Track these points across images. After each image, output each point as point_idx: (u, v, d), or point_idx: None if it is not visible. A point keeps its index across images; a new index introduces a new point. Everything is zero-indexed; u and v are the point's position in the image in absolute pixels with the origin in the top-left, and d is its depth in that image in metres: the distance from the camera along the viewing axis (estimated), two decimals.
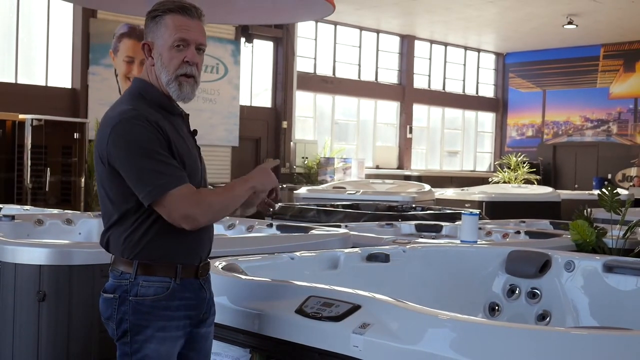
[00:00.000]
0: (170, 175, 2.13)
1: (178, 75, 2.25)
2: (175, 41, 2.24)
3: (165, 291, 2.21)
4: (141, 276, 2.21)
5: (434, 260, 3.92)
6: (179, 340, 2.27)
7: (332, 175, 17.74)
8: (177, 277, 2.23)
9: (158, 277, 2.22)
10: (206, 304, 2.33)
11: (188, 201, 2.14)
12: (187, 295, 2.26)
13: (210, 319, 2.40)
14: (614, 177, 22.06)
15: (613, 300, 3.56)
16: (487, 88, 25.11)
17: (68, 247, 3.47)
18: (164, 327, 2.22)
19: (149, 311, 2.20)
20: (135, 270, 2.22)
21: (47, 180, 11.49)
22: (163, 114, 2.26)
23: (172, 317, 2.23)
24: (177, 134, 2.26)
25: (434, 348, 2.05)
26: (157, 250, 2.21)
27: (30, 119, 11.49)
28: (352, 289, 2.49)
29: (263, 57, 18.45)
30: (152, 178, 2.13)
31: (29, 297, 3.32)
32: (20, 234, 4.45)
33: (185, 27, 2.25)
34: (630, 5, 17.63)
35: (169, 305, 2.22)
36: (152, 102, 2.27)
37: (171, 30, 2.24)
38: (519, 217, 6.93)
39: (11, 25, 14.20)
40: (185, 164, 2.23)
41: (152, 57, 2.28)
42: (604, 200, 5.07)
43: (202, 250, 2.32)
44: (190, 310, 2.28)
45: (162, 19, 2.25)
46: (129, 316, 2.21)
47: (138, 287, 2.21)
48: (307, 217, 7.30)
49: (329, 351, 2.23)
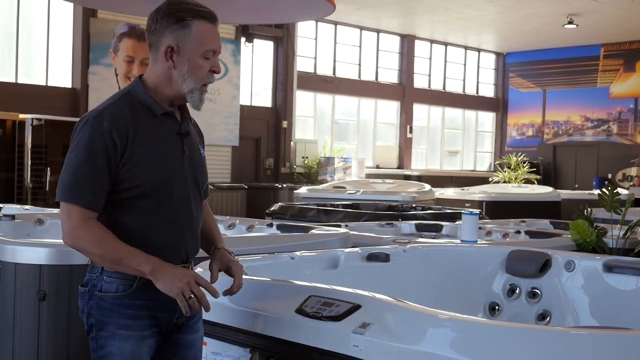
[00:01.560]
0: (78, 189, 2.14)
1: (203, 84, 2.26)
2: (207, 52, 2.23)
3: (127, 289, 2.18)
4: (106, 271, 2.20)
5: (434, 260, 3.92)
6: (147, 341, 2.22)
7: (332, 175, 17.74)
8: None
9: (122, 275, 2.19)
10: (179, 310, 2.19)
11: (70, 219, 2.15)
12: (154, 296, 2.18)
13: (194, 326, 2.35)
14: (614, 177, 22.06)
15: (613, 300, 3.56)
16: (487, 88, 25.11)
17: (68, 247, 3.46)
18: (126, 325, 2.18)
19: (111, 307, 2.18)
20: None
21: (47, 180, 11.49)
22: (145, 115, 2.23)
23: (136, 316, 2.19)
24: (156, 135, 2.23)
25: (434, 348, 2.05)
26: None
27: (30, 119, 11.50)
28: (352, 288, 2.49)
29: (263, 57, 18.45)
30: (63, 181, 2.16)
31: (29, 297, 3.32)
32: (21, 234, 4.45)
33: (214, 36, 2.25)
34: (630, 5, 17.63)
35: (131, 303, 2.19)
36: (138, 102, 2.25)
37: (203, 39, 2.22)
38: (519, 216, 6.93)
39: (11, 25, 14.21)
40: (152, 168, 2.20)
41: (174, 61, 2.23)
42: (604, 200, 5.07)
43: (176, 253, 2.27)
44: (157, 312, 2.22)
45: (192, 24, 2.21)
46: (94, 311, 2.20)
47: (102, 282, 2.20)
48: (307, 217, 7.30)
49: (329, 351, 2.23)
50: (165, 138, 2.26)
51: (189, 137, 2.34)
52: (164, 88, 2.26)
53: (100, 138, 2.15)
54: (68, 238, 2.18)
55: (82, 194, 2.14)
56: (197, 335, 2.38)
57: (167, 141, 2.27)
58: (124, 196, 2.19)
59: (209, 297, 2.22)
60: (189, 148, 2.32)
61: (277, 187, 15.63)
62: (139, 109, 2.24)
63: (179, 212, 2.27)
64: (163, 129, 2.27)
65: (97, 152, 2.14)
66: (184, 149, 2.30)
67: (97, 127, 2.16)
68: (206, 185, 2.51)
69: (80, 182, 2.14)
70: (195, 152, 2.36)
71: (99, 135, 2.15)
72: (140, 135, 2.19)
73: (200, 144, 2.44)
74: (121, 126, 2.17)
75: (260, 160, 18.40)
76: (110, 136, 2.15)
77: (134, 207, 2.20)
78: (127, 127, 2.18)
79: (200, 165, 2.38)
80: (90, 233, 2.14)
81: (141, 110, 2.24)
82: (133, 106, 2.23)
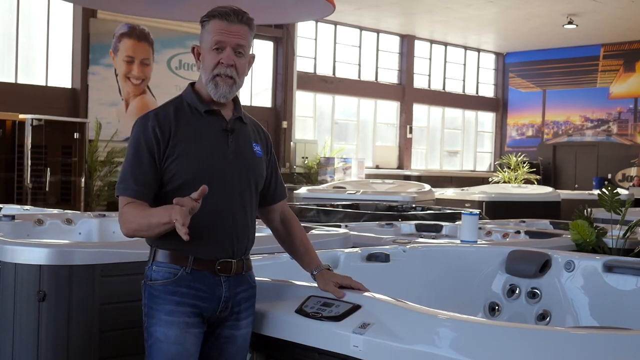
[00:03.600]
0: (123, 182, 2.34)
1: (214, 75, 2.38)
2: (213, 44, 2.38)
3: (173, 277, 2.32)
4: (155, 262, 2.36)
5: (434, 260, 3.92)
6: (191, 329, 2.31)
7: (332, 175, 17.74)
8: (189, 266, 2.32)
9: (169, 264, 2.34)
10: (223, 303, 2.35)
11: (119, 211, 2.35)
12: (198, 287, 2.32)
13: (237, 322, 2.40)
14: (614, 177, 22.07)
15: (613, 300, 3.56)
16: (487, 88, 25.11)
17: (68, 247, 3.47)
18: (171, 311, 2.30)
19: (158, 295, 2.32)
20: (152, 256, 2.37)
21: (47, 180, 11.50)
22: (190, 113, 2.41)
23: (180, 303, 2.30)
24: (199, 130, 2.38)
25: (434, 348, 2.05)
26: (171, 239, 2.26)
27: (30, 119, 11.50)
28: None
29: (263, 57, 18.45)
30: (122, 177, 2.36)
31: (29, 297, 3.32)
32: (20, 234, 4.44)
33: (224, 30, 2.38)
34: (630, 5, 17.63)
35: (176, 290, 2.31)
36: (186, 103, 2.43)
37: (211, 34, 2.39)
38: (519, 217, 6.93)
39: (11, 26, 14.20)
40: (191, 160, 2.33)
41: (200, 60, 2.43)
42: (604, 200, 5.07)
43: (220, 248, 2.36)
44: (200, 302, 2.32)
45: (207, 24, 2.41)
46: (146, 300, 2.36)
47: (152, 272, 2.36)
48: (307, 217, 7.29)
49: (329, 351, 2.23)
50: (208, 133, 2.40)
51: (236, 134, 2.45)
52: (202, 88, 2.44)
53: (144, 135, 2.35)
54: (121, 227, 2.33)
55: (128, 185, 2.33)
56: (239, 332, 2.43)
57: (211, 136, 2.40)
58: (169, 188, 2.35)
59: None
60: (235, 144, 2.43)
61: None
62: (185, 109, 2.42)
63: (223, 205, 2.36)
64: (208, 125, 2.41)
65: (142, 148, 2.34)
66: (228, 144, 2.41)
67: (142, 126, 2.36)
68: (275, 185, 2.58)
69: (127, 175, 2.34)
70: (246, 148, 2.46)
71: (143, 133, 2.35)
72: (182, 131, 2.36)
73: (259, 142, 2.53)
74: (164, 124, 2.36)
75: None
76: (154, 132, 2.34)
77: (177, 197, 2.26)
78: (170, 124, 2.36)
79: (251, 161, 2.46)
80: (125, 214, 2.31)
81: (188, 109, 2.42)
82: (180, 107, 2.43)
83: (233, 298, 2.37)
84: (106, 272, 3.37)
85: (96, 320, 3.33)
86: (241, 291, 2.40)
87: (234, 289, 2.38)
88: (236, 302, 2.39)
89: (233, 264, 2.37)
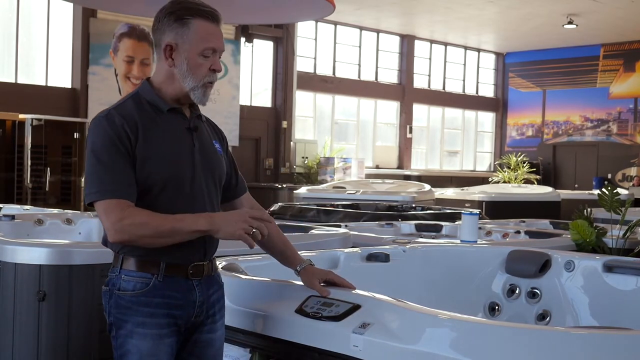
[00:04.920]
0: (107, 184, 2.15)
1: (205, 82, 2.28)
2: (205, 50, 2.25)
3: (144, 287, 2.21)
4: (124, 270, 2.23)
5: (434, 260, 3.92)
6: (165, 340, 2.22)
7: (332, 175, 17.74)
8: (160, 274, 2.22)
9: (139, 273, 2.21)
10: (198, 307, 2.27)
11: (109, 216, 2.14)
12: (171, 294, 2.22)
13: (213, 325, 2.35)
14: (614, 177, 22.07)
15: (613, 300, 3.56)
16: (487, 88, 25.11)
17: (68, 247, 3.47)
18: (143, 323, 2.20)
19: (129, 306, 2.20)
20: (120, 263, 2.24)
21: (47, 180, 11.50)
22: (152, 112, 2.27)
23: (153, 314, 2.20)
24: (163, 130, 2.26)
25: (434, 348, 2.04)
26: (141, 246, 2.19)
27: (30, 119, 11.51)
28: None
29: (263, 57, 18.45)
30: (92, 182, 2.17)
31: (29, 297, 3.32)
32: (20, 234, 4.44)
33: (213, 35, 2.26)
34: (630, 5, 17.63)
35: (148, 301, 2.20)
36: (145, 101, 2.29)
37: (201, 38, 2.24)
38: (519, 216, 6.92)
39: (11, 25, 14.20)
40: (163, 161, 2.23)
41: (173, 59, 2.26)
42: (604, 200, 5.06)
43: (193, 251, 2.28)
44: (174, 310, 2.23)
45: (191, 23, 2.24)
46: (114, 309, 2.23)
47: (121, 280, 2.23)
48: (307, 217, 7.29)
49: (329, 351, 2.23)
50: (173, 133, 2.29)
51: (199, 132, 2.36)
52: (168, 86, 2.29)
53: (115, 132, 2.18)
54: (116, 234, 2.15)
55: (113, 187, 2.15)
56: (215, 335, 2.38)
57: (176, 136, 2.29)
58: (138, 190, 2.20)
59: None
60: (199, 142, 2.34)
61: (276, 187, 15.64)
62: (146, 107, 2.28)
63: (194, 206, 2.27)
64: (171, 125, 2.29)
65: (116, 145, 2.17)
66: (193, 142, 2.32)
67: (110, 123, 2.20)
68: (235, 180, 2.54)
69: (107, 177, 2.16)
70: (208, 146, 2.38)
71: (113, 130, 2.18)
72: (148, 132, 2.23)
73: (217, 139, 2.45)
74: (130, 122, 2.21)
75: (260, 161, 18.40)
76: (124, 129, 2.19)
77: (149, 202, 2.21)
78: (136, 123, 2.22)
79: (215, 158, 2.39)
80: (134, 218, 2.14)
81: (148, 108, 2.28)
82: (140, 105, 2.27)
83: (207, 301, 2.31)
84: (106, 272, 3.34)
85: (96, 320, 3.32)
86: (213, 292, 2.35)
87: (207, 291, 2.32)
88: (210, 305, 2.33)
89: (205, 267, 2.31)
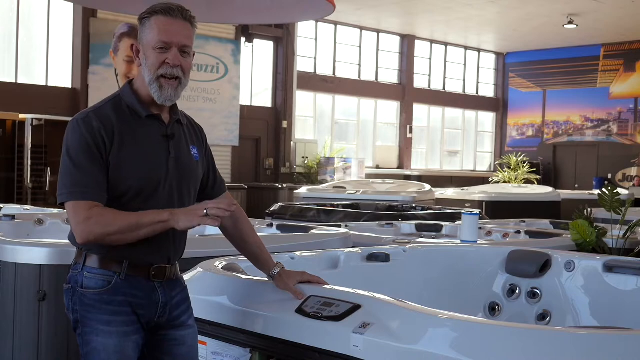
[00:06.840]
0: (78, 185, 2.17)
1: (158, 76, 2.26)
2: (157, 43, 2.26)
3: (107, 285, 2.22)
4: (87, 267, 2.24)
5: (434, 260, 3.92)
6: (131, 337, 2.24)
7: (332, 175, 17.74)
8: (122, 272, 2.23)
9: (102, 270, 2.23)
10: (161, 309, 2.29)
11: (76, 216, 2.17)
12: (134, 293, 2.24)
13: (181, 325, 2.36)
14: (614, 177, 22.07)
15: (613, 300, 3.56)
16: (487, 88, 25.11)
17: (68, 247, 3.45)
18: (108, 321, 2.21)
19: (92, 304, 2.22)
20: (83, 260, 2.25)
21: (47, 180, 11.50)
22: (131, 117, 2.28)
23: (117, 312, 2.22)
24: (140, 137, 2.26)
25: (434, 348, 2.04)
26: (107, 244, 2.20)
27: (30, 119, 11.51)
28: (352, 288, 2.49)
29: (263, 57, 18.45)
30: (64, 183, 2.19)
31: (29, 297, 3.32)
32: (20, 234, 4.44)
33: (169, 29, 2.26)
34: (630, 5, 17.63)
35: (112, 299, 2.22)
36: (125, 105, 2.29)
37: (155, 32, 2.26)
38: (519, 216, 6.92)
39: (11, 25, 14.20)
40: (136, 169, 2.23)
41: (139, 58, 2.31)
42: (604, 200, 5.06)
43: (156, 253, 2.29)
44: (138, 309, 2.25)
45: (148, 21, 2.28)
46: (78, 307, 2.24)
47: (83, 278, 2.23)
48: (307, 217, 7.29)
49: (329, 351, 2.23)
50: (149, 140, 2.29)
51: (176, 139, 2.35)
52: (143, 88, 2.31)
53: (91, 136, 2.20)
54: (83, 233, 2.16)
55: (83, 189, 2.17)
56: (186, 332, 2.38)
57: (152, 143, 2.29)
58: (110, 196, 2.22)
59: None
60: (175, 150, 2.34)
61: (277, 187, 15.63)
62: (125, 111, 2.29)
63: None
64: (148, 131, 2.30)
65: (90, 149, 2.19)
66: (169, 150, 2.32)
67: (87, 126, 2.21)
68: (213, 180, 2.52)
69: (78, 179, 2.18)
70: (184, 154, 2.37)
71: (89, 134, 2.20)
72: (124, 137, 2.24)
73: (196, 144, 2.44)
74: (107, 126, 2.23)
75: (260, 161, 18.40)
76: (100, 134, 2.20)
77: (121, 207, 2.21)
78: (113, 127, 2.23)
79: (189, 166, 2.38)
80: (100, 217, 2.16)
81: (128, 112, 2.29)
82: (120, 109, 2.29)
83: (170, 302, 2.33)
84: None
85: None
86: (176, 294, 2.36)
87: (170, 292, 2.33)
88: (173, 306, 2.34)
89: (167, 270, 2.32)
